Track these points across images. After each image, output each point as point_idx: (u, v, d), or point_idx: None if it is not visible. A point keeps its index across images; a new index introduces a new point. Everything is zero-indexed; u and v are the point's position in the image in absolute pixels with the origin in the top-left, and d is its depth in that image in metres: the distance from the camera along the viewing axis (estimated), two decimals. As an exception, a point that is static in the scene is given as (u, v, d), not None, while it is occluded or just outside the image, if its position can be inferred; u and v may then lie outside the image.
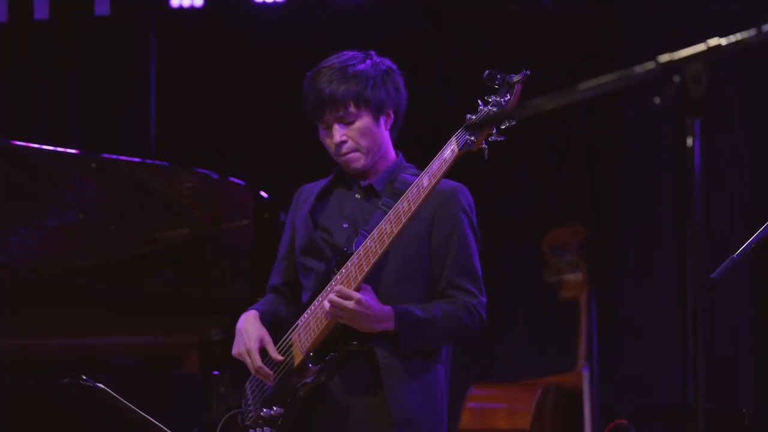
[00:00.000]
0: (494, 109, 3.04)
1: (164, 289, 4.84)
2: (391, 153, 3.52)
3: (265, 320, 3.51)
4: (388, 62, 3.56)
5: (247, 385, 3.53)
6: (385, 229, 3.23)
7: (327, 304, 3.26)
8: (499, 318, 3.57)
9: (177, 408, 4.62)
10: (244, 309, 3.61)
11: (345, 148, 3.44)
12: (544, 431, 5.64)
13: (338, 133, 3.43)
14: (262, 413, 3.43)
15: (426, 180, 3.21)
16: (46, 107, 7.14)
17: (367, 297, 3.25)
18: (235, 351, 3.48)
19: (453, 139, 3.16)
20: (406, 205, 3.21)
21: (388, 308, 3.28)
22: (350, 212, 3.47)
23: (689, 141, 2.02)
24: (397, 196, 3.32)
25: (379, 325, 3.28)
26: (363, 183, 3.49)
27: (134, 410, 3.66)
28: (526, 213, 6.56)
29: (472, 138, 3.09)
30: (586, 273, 5.86)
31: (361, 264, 3.26)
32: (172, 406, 4.60)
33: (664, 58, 2.01)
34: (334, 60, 3.51)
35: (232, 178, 4.87)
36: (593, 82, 2.05)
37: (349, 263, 3.30)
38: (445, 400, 3.44)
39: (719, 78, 5.99)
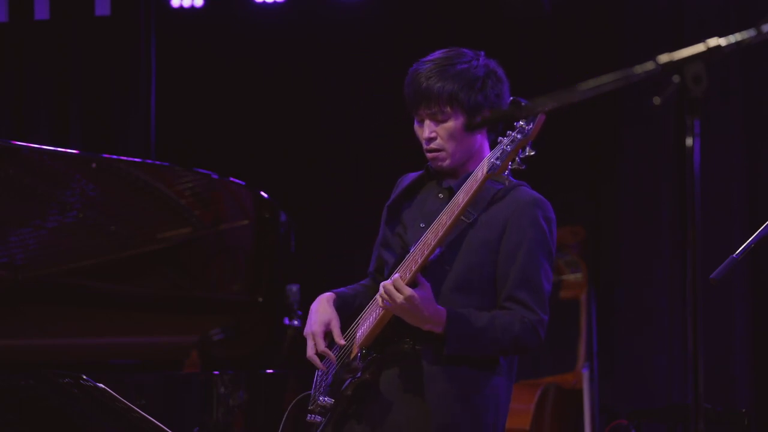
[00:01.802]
0: (519, 136, 3.02)
1: (164, 289, 4.84)
2: (483, 155, 3.39)
3: (345, 303, 3.47)
4: (494, 66, 3.46)
5: (317, 370, 3.48)
6: (441, 220, 3.19)
7: (384, 285, 3.21)
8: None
9: (177, 408, 4.62)
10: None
11: (432, 145, 3.38)
12: (544, 431, 5.64)
13: (428, 128, 3.37)
14: (319, 401, 3.41)
15: (462, 197, 3.18)
16: (46, 107, 7.14)
17: (422, 294, 3.19)
18: (305, 331, 3.43)
19: (485, 160, 3.14)
20: (461, 197, 3.17)
21: (442, 310, 3.22)
22: (429, 212, 3.39)
23: (689, 141, 2.02)
24: (473, 203, 3.26)
25: (427, 325, 3.23)
26: (445, 184, 3.42)
27: (134, 410, 3.65)
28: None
29: (497, 163, 3.05)
30: (586, 273, 5.87)
31: (417, 256, 3.21)
32: (172, 406, 4.60)
33: (664, 58, 2.01)
34: (440, 55, 3.42)
35: (232, 178, 4.87)
36: (593, 82, 2.05)
37: (407, 257, 3.26)
38: (501, 413, 3.36)
39: (719, 78, 5.99)
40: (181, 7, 7.00)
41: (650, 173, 6.31)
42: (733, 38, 2.04)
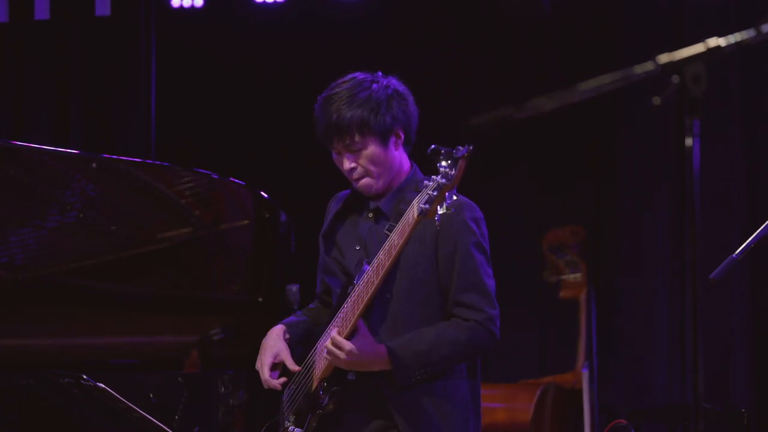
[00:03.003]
0: (443, 181, 3.04)
1: (164, 289, 4.84)
2: (405, 169, 3.55)
3: (297, 332, 3.61)
4: (394, 83, 3.55)
5: (284, 395, 3.62)
6: (381, 260, 3.29)
7: (327, 347, 3.34)
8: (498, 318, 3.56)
9: (177, 408, 4.62)
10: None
11: (356, 175, 3.50)
12: (544, 431, 5.64)
13: (347, 161, 3.49)
14: (290, 430, 3.54)
15: (396, 237, 3.24)
16: (46, 107, 7.14)
17: (360, 343, 3.31)
18: (256, 365, 3.59)
19: (415, 202, 3.17)
20: (396, 239, 3.25)
21: (381, 349, 3.34)
22: (362, 234, 3.53)
23: (689, 141, 2.02)
24: (400, 217, 3.35)
25: (375, 366, 3.35)
26: (372, 205, 3.54)
27: (134, 410, 3.66)
28: (526, 213, 6.56)
29: (426, 207, 3.08)
30: (585, 273, 5.86)
31: (362, 294, 3.32)
32: (172, 406, 4.60)
33: (664, 58, 2.01)
34: (340, 87, 3.51)
35: (232, 178, 4.87)
36: (593, 82, 2.05)
37: (352, 296, 3.37)
38: (471, 413, 3.47)
39: (719, 78, 5.99)
40: (181, 7, 7.00)
41: (650, 173, 6.31)
42: (733, 38, 2.04)
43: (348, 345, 3.29)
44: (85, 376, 3.71)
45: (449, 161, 3.04)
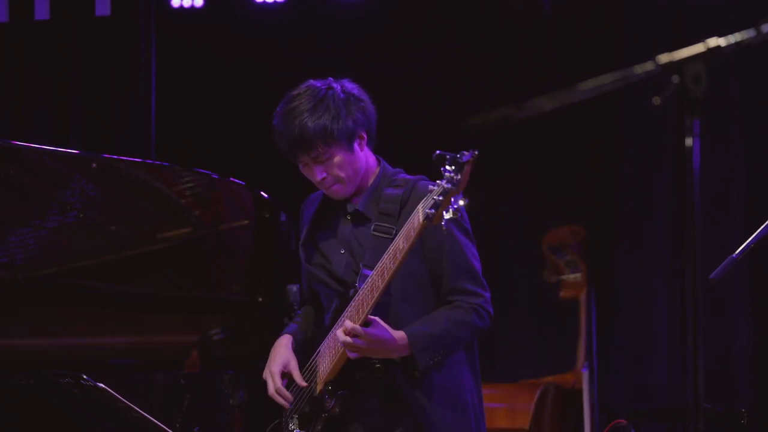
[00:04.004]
0: (448, 186, 3.05)
1: (164, 289, 4.84)
2: (372, 166, 3.58)
3: (299, 338, 3.64)
4: (348, 87, 3.56)
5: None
6: (386, 265, 3.30)
7: (340, 338, 3.34)
8: (499, 318, 3.60)
9: (177, 408, 4.62)
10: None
11: (327, 183, 3.53)
12: (544, 431, 5.64)
13: (317, 172, 3.52)
14: None
15: (401, 242, 3.25)
16: (46, 107, 7.14)
17: (376, 330, 3.32)
18: (264, 374, 3.61)
19: (420, 207, 3.17)
20: (401, 243, 3.26)
21: (401, 334, 3.36)
22: (344, 237, 3.56)
23: (689, 141, 2.02)
24: (385, 216, 3.42)
25: (395, 352, 3.37)
26: (349, 208, 3.57)
27: (134, 410, 3.66)
28: (526, 213, 6.56)
29: (432, 212, 3.09)
30: (585, 273, 5.86)
31: (366, 298, 3.33)
32: (172, 406, 4.60)
33: (664, 58, 2.01)
34: (297, 100, 3.53)
35: (232, 178, 4.87)
36: (593, 82, 2.05)
37: (356, 298, 3.38)
38: (476, 396, 3.53)
39: (719, 78, 5.99)
40: (181, 7, 6.99)
41: (650, 173, 6.31)
42: (733, 38, 2.04)
43: (362, 330, 3.30)
44: (85, 376, 3.71)
45: (454, 166, 3.04)
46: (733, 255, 3.22)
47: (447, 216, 3.06)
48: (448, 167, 3.05)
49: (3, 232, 4.46)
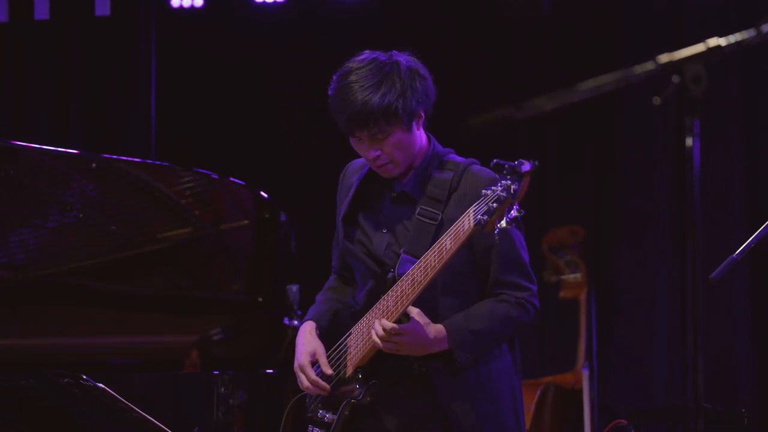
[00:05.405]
0: (504, 194, 2.96)
1: (164, 289, 4.84)
2: (424, 145, 3.41)
3: (326, 323, 3.51)
4: (414, 64, 3.41)
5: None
6: (430, 262, 3.18)
7: (377, 331, 3.23)
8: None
9: (177, 408, 4.62)
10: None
11: (380, 162, 3.37)
12: (544, 431, 5.64)
13: (372, 150, 3.35)
14: (319, 414, 3.45)
15: (449, 242, 3.14)
16: (46, 107, 7.14)
17: (416, 326, 3.22)
18: (294, 366, 3.48)
19: (471, 210, 3.07)
20: (449, 244, 3.14)
21: (440, 328, 3.26)
22: (387, 217, 3.41)
23: (689, 141, 2.02)
24: (432, 200, 3.30)
25: (434, 347, 3.26)
26: (396, 188, 3.41)
27: (134, 410, 3.65)
28: (526, 213, 6.55)
29: (485, 218, 2.99)
30: (585, 273, 5.87)
31: (406, 292, 3.22)
32: (172, 406, 4.60)
33: (664, 58, 2.01)
34: (360, 73, 3.37)
35: (232, 178, 4.87)
36: (593, 82, 2.05)
37: (395, 289, 3.26)
38: (518, 395, 3.41)
39: (719, 78, 5.99)
40: (181, 7, 6.99)
41: (650, 173, 6.31)
42: (733, 38, 2.04)
43: (403, 329, 3.19)
44: (85, 376, 3.71)
45: (512, 175, 2.95)
46: (733, 255, 3.22)
47: (501, 225, 2.97)
48: (507, 176, 2.95)
49: (3, 232, 4.46)
